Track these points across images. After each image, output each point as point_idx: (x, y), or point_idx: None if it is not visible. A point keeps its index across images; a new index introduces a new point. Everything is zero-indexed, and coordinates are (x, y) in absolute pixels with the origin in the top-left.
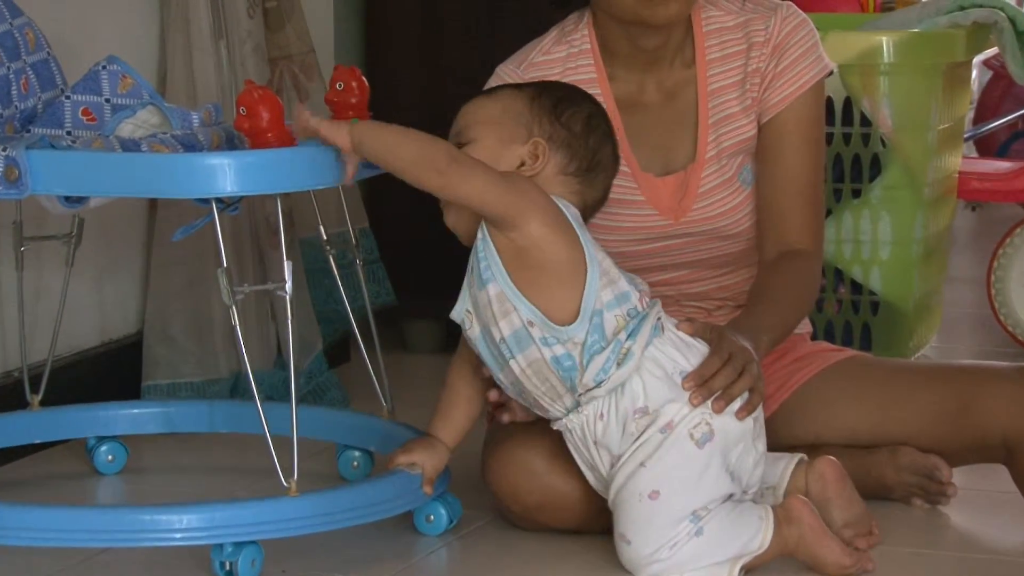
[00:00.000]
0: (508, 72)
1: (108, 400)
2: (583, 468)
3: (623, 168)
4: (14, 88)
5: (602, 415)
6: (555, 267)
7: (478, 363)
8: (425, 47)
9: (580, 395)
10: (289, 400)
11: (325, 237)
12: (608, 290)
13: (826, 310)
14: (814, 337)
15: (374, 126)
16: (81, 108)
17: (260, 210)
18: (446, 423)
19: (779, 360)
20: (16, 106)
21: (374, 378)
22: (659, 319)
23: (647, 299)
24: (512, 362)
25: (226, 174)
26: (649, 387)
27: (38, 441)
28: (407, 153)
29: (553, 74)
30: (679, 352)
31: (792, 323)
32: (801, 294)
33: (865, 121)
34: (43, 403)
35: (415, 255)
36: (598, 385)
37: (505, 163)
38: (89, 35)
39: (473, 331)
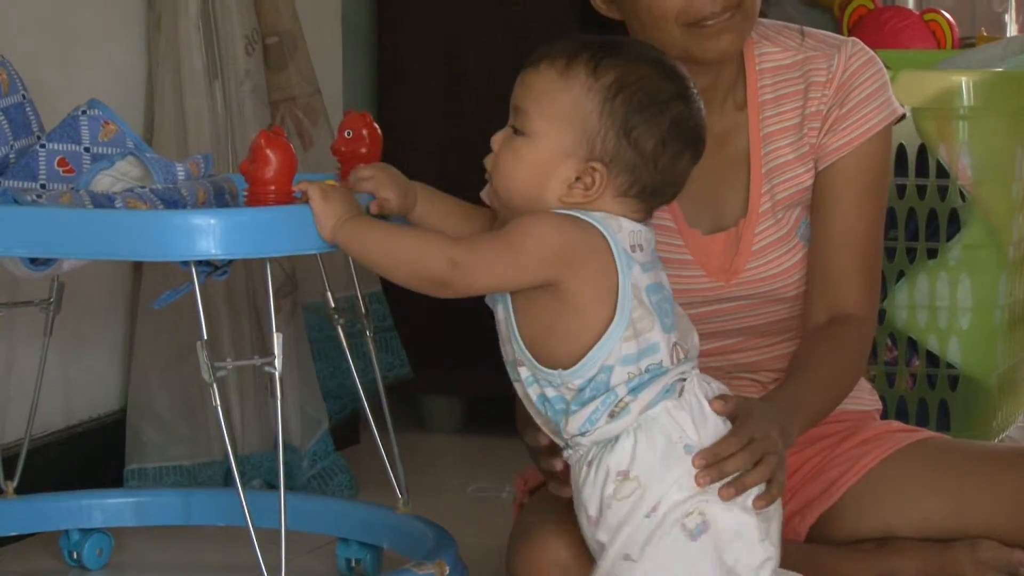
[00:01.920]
0: None
1: (86, 486)
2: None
3: (668, 224)
4: None
5: (590, 462)
6: (571, 315)
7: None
8: (444, 90)
9: (566, 440)
10: (292, 487)
11: (332, 304)
12: (631, 343)
13: (898, 385)
14: (884, 416)
15: (359, 229)
16: (57, 158)
17: (259, 271)
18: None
19: (845, 441)
20: None
21: (387, 463)
22: (681, 380)
23: (682, 354)
24: (516, 384)
25: (209, 234)
26: (640, 451)
27: (13, 534)
28: (399, 272)
29: None
30: (693, 423)
31: (834, 401)
32: (849, 368)
33: (942, 172)
34: (16, 490)
35: (432, 323)
36: (582, 435)
37: (556, 178)
38: (68, 75)
39: None
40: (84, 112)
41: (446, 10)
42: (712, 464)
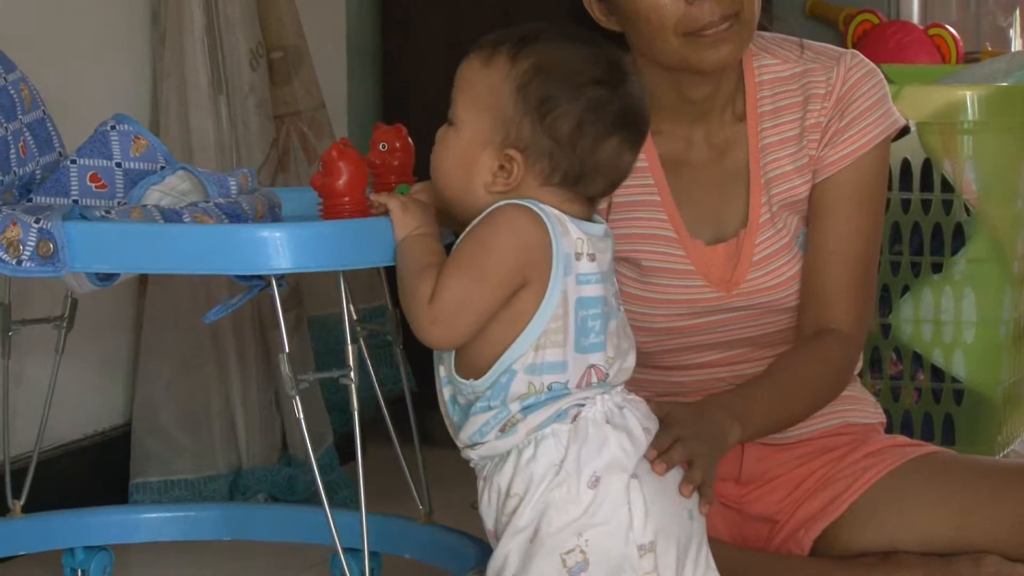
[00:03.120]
0: None
1: (91, 500)
2: None
3: (670, 234)
4: (12, 151)
5: (485, 477)
6: (508, 320)
7: None
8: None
9: (462, 448)
10: (295, 500)
11: (355, 316)
12: (538, 354)
13: (903, 399)
14: (889, 430)
15: (409, 250)
16: (89, 173)
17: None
18: None
19: (850, 455)
20: (15, 171)
21: (407, 474)
22: (579, 405)
23: (597, 378)
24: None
25: (287, 247)
26: (521, 472)
27: (22, 552)
28: (403, 300)
29: None
30: (590, 451)
31: (796, 416)
32: (822, 382)
33: (947, 186)
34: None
35: None
36: (471, 447)
37: (480, 167)
38: (73, 90)
39: None
40: (113, 127)
41: (451, 24)
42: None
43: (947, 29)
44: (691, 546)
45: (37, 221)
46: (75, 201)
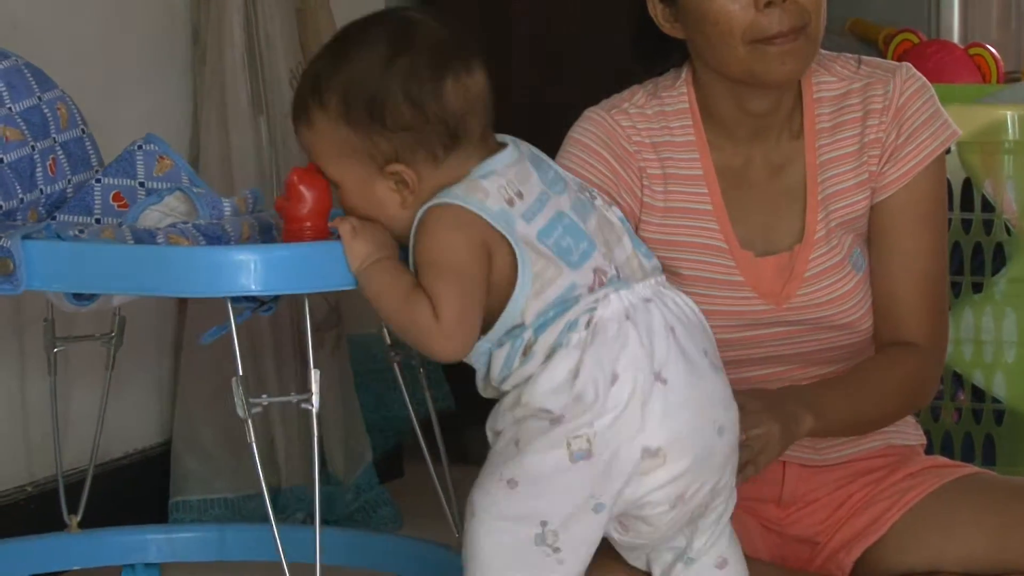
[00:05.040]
0: (597, 115)
1: (130, 518)
2: None
3: (720, 244)
4: (39, 170)
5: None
6: (491, 295)
7: None
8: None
9: (499, 395)
10: (335, 519)
11: (389, 340)
12: (540, 299)
13: (943, 419)
14: (929, 450)
15: (375, 277)
16: (112, 192)
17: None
18: None
19: (890, 476)
20: (41, 189)
21: (441, 495)
22: (591, 310)
23: (607, 275)
24: None
25: (248, 270)
26: (543, 394)
27: (77, 567)
28: (401, 331)
29: (646, 128)
30: (609, 351)
31: (870, 419)
32: (897, 388)
33: (987, 206)
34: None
35: None
36: (502, 382)
37: (385, 201)
38: (114, 109)
39: None
40: (140, 147)
41: (487, 43)
42: None
43: (987, 48)
44: (721, 475)
45: None
46: (97, 220)
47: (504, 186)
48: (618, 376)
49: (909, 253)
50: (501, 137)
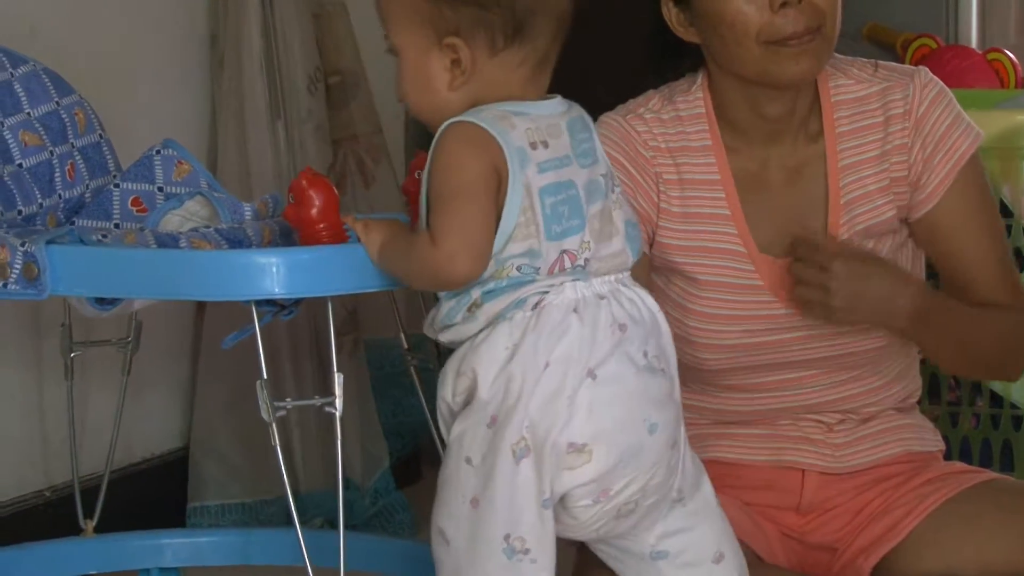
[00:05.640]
0: (612, 120)
1: (148, 523)
2: None
3: (739, 248)
4: (58, 174)
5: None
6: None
7: None
8: None
9: (435, 335)
10: (353, 524)
11: (406, 344)
12: (515, 244)
13: (962, 425)
14: (948, 456)
15: (386, 254)
16: (131, 197)
17: (322, 310)
18: None
19: (909, 482)
20: (60, 195)
21: None
22: (543, 293)
23: (571, 262)
24: None
25: (271, 274)
26: (485, 365)
27: (93, 572)
28: (421, 286)
29: (661, 133)
30: (546, 339)
31: (971, 338)
32: (1005, 320)
33: (1005, 211)
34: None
35: None
36: (442, 330)
37: (435, 75)
38: (132, 114)
39: None
40: (158, 152)
41: None
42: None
43: (1006, 54)
44: (652, 474)
45: (23, 244)
46: (116, 225)
47: (533, 130)
48: (549, 365)
49: (976, 247)
50: (556, 98)
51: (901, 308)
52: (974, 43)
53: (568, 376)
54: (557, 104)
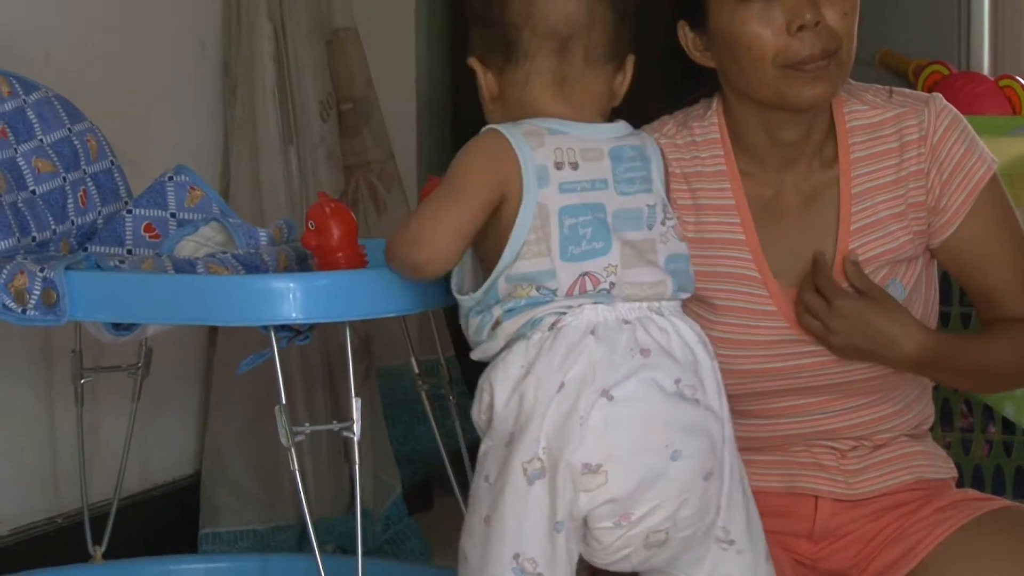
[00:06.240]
0: None
1: (160, 549)
2: None
3: (753, 274)
4: (70, 201)
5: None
6: (495, 235)
7: None
8: None
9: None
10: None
11: (417, 369)
12: (525, 262)
13: (974, 452)
14: (960, 483)
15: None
16: (144, 223)
17: (334, 337)
18: None
19: (922, 509)
20: (72, 221)
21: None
22: (560, 313)
23: (594, 285)
24: None
25: (289, 299)
26: (500, 382)
27: None
28: (394, 264)
29: (676, 158)
30: (561, 360)
31: (989, 366)
32: (1020, 351)
33: None
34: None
35: None
36: (475, 348)
37: (483, 97)
38: (145, 141)
39: None
40: (171, 178)
41: None
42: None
43: (1018, 80)
44: (680, 504)
45: (42, 270)
46: (129, 251)
47: (564, 149)
48: (564, 385)
49: (1000, 266)
50: (617, 123)
51: (904, 355)
52: (986, 70)
53: (582, 397)
54: (610, 129)
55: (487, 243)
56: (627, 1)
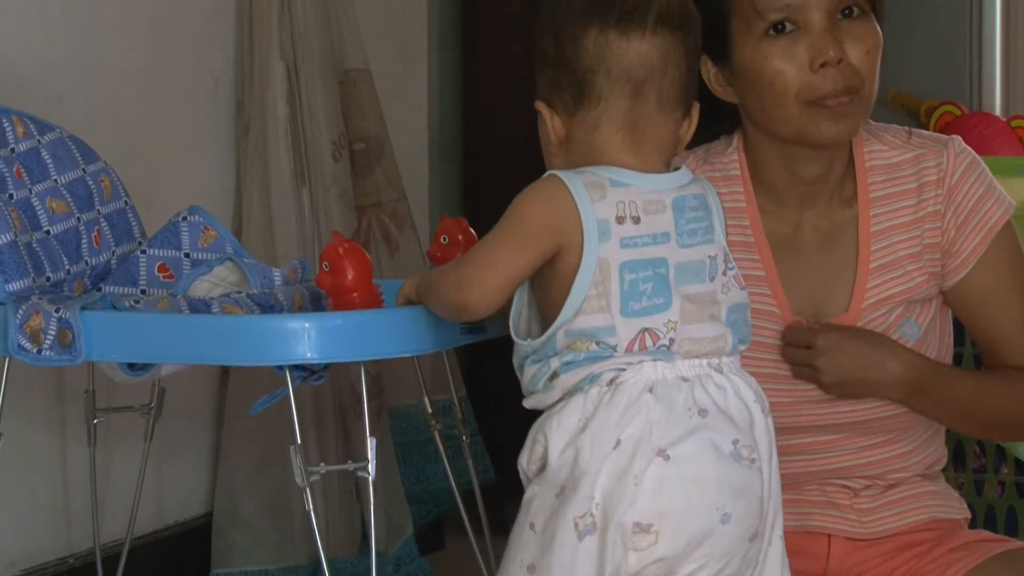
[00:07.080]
0: None
1: None
2: None
3: (772, 311)
4: (84, 241)
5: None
6: (554, 286)
7: None
8: None
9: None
10: None
11: (430, 409)
12: (585, 317)
13: (987, 493)
14: (972, 524)
15: (425, 278)
16: (158, 264)
17: (345, 377)
18: None
19: (934, 550)
20: (87, 261)
21: (483, 568)
22: (620, 370)
23: (655, 342)
24: None
25: (304, 339)
26: (555, 434)
27: None
28: (440, 313)
29: None
30: (618, 417)
31: (983, 405)
32: (1018, 396)
33: None
34: None
35: (515, 427)
36: (528, 396)
37: (546, 142)
38: (157, 181)
39: None
40: (184, 218)
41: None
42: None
43: None
44: (724, 564)
45: (57, 310)
46: (143, 291)
47: (627, 203)
48: (620, 443)
49: (1009, 311)
50: (680, 170)
51: (892, 377)
52: (998, 110)
53: (637, 456)
54: (673, 178)
55: (545, 293)
56: (697, 46)
